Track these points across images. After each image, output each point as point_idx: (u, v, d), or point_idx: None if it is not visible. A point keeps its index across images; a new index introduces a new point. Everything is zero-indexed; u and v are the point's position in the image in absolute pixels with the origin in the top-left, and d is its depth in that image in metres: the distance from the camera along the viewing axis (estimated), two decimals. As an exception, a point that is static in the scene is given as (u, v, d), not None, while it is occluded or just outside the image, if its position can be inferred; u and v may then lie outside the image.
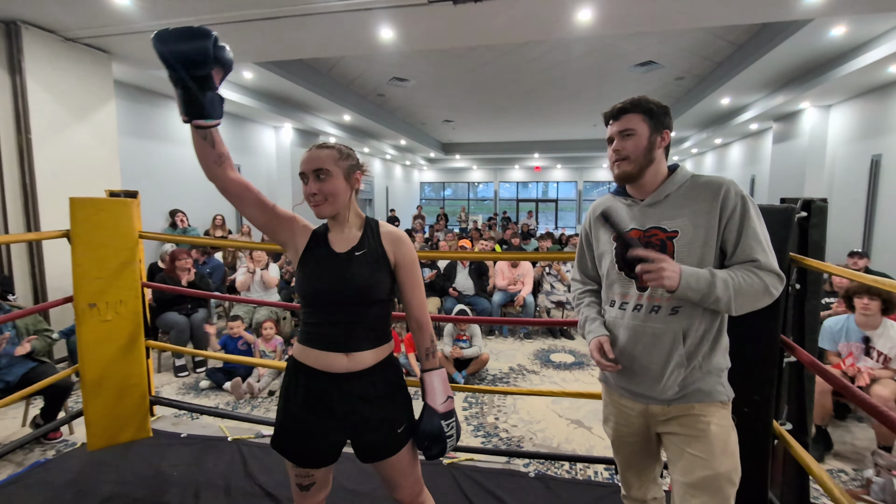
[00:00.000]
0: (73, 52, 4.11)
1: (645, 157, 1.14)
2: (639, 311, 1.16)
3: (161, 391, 3.45)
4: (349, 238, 1.21)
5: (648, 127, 1.14)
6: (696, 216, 1.10)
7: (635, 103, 1.15)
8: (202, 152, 1.07)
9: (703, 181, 1.14)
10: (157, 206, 6.06)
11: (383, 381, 1.20)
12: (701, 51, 6.12)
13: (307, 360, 1.17)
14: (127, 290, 2.05)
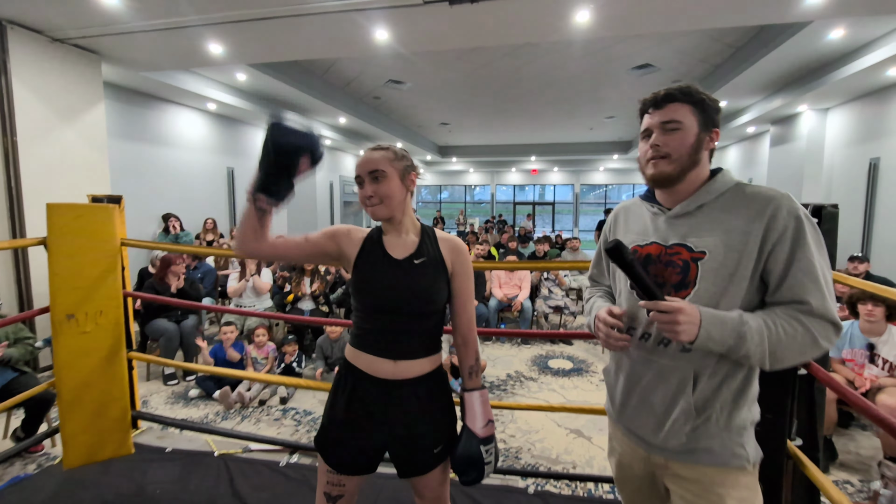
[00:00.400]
0: (61, 53, 4.03)
1: (690, 157, 0.93)
2: (646, 340, 0.98)
3: (149, 400, 3.36)
4: (406, 244, 1.18)
5: (698, 122, 0.94)
6: (730, 235, 0.89)
7: (685, 91, 0.94)
8: (249, 226, 1.07)
9: (750, 192, 0.91)
10: (149, 209, 5.96)
11: (429, 395, 1.17)
12: (698, 53, 6.09)
13: (357, 363, 1.16)
14: (108, 299, 1.96)
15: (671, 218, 0.98)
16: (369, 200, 1.12)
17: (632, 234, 1.07)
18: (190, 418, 3.08)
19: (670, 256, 0.96)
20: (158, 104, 6.23)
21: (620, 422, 1.07)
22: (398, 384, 1.13)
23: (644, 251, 1.01)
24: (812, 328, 0.83)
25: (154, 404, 3.31)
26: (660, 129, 0.96)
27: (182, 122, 6.68)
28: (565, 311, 5.08)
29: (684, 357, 0.93)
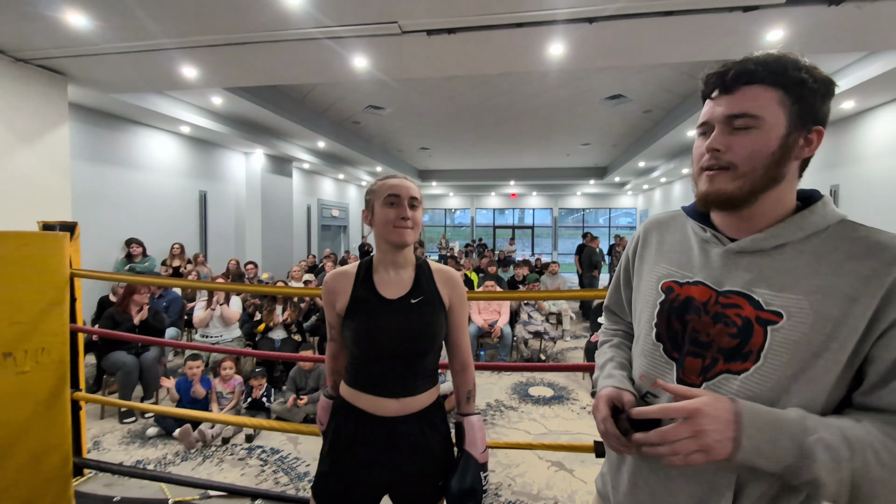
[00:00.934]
0: (24, 74, 3.89)
1: (767, 171, 0.62)
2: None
3: (101, 441, 3.10)
4: (401, 281, 1.16)
5: (788, 116, 0.61)
6: (827, 298, 0.59)
7: (773, 66, 0.61)
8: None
9: (864, 235, 0.60)
10: (115, 234, 5.71)
11: (431, 427, 1.16)
12: (667, 85, 6.37)
13: (357, 403, 1.14)
14: (52, 335, 1.80)
15: (734, 253, 0.67)
16: (404, 222, 1.11)
17: (666, 263, 0.76)
18: (146, 459, 2.84)
19: (723, 308, 0.66)
20: (128, 126, 6.07)
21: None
22: (402, 420, 1.12)
23: (683, 292, 0.71)
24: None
25: (108, 445, 3.06)
26: (724, 126, 0.64)
27: (153, 144, 6.52)
28: (545, 337, 5.04)
29: (722, 461, 0.61)
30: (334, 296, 1.16)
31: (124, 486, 2.31)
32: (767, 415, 0.57)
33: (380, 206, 1.12)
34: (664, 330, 0.73)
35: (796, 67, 0.62)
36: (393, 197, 1.12)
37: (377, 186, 1.15)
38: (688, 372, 0.68)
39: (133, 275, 3.77)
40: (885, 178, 5.11)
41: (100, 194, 5.62)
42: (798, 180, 0.67)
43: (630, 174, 13.36)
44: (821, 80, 0.62)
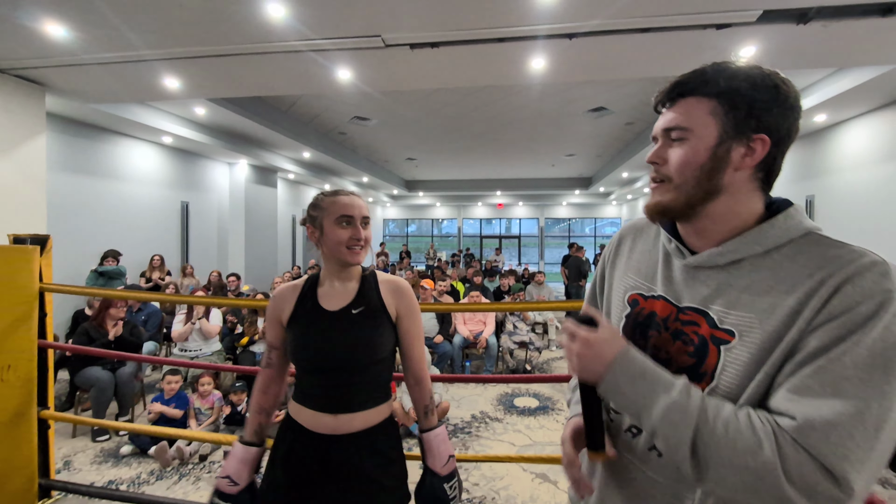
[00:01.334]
0: (1, 83, 3.81)
1: (698, 183, 0.61)
2: (634, 436, 0.67)
3: (72, 460, 2.99)
4: (345, 292, 1.13)
5: (719, 127, 0.60)
6: (776, 314, 0.55)
7: (709, 77, 0.61)
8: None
9: (825, 247, 0.57)
10: (93, 246, 5.58)
11: (374, 449, 1.09)
12: (648, 98, 6.52)
13: (298, 418, 1.10)
14: (18, 352, 1.74)
15: (692, 268, 0.64)
16: (358, 243, 1.09)
17: (634, 275, 0.74)
18: (119, 479, 2.74)
19: (682, 325, 0.64)
20: (108, 136, 5.97)
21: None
22: (337, 440, 1.06)
23: (647, 307, 0.70)
24: (776, 461, 0.48)
25: (79, 464, 2.94)
26: (664, 138, 0.65)
27: (134, 155, 6.42)
28: (530, 347, 5.04)
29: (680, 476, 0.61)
30: (280, 309, 1.14)
31: (94, 509, 2.23)
32: (643, 366, 0.59)
33: (331, 225, 1.09)
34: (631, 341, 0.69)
35: (732, 76, 0.60)
36: (346, 217, 1.09)
37: (326, 204, 1.11)
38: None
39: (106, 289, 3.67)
40: (857, 189, 5.29)
41: (78, 205, 5.50)
42: (759, 192, 0.63)
43: (614, 184, 13.58)
44: (762, 88, 0.59)
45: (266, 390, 1.18)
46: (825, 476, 0.46)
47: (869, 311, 0.50)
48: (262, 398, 1.18)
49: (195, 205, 7.65)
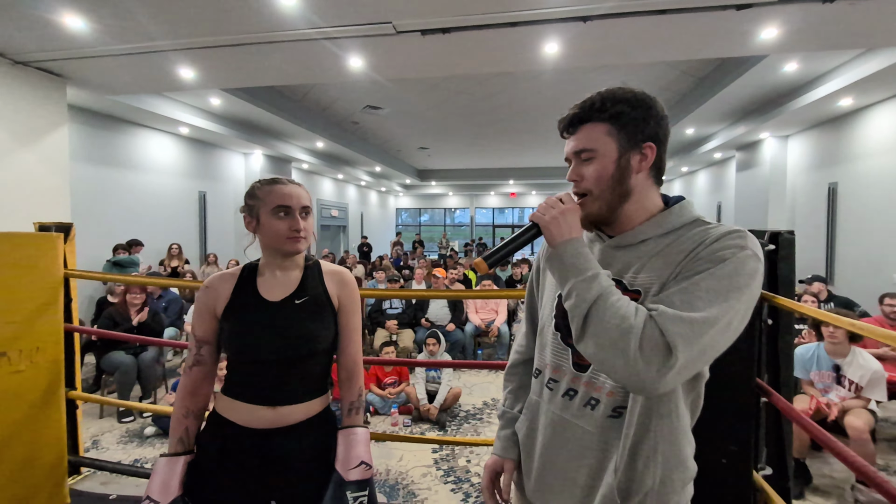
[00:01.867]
0: (24, 75, 3.92)
1: (613, 190, 0.75)
2: (571, 398, 0.80)
3: (100, 440, 3.13)
4: (287, 282, 1.09)
5: (617, 143, 0.75)
6: (665, 272, 0.72)
7: (597, 104, 0.76)
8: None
9: (702, 229, 0.74)
10: (114, 235, 5.74)
11: (312, 440, 1.06)
12: (664, 83, 6.37)
13: (230, 415, 1.04)
14: (45, 335, 1.82)
15: (609, 248, 0.80)
16: (298, 234, 1.05)
17: None
18: (143, 458, 2.86)
19: None
20: (127, 127, 6.10)
21: (531, 498, 0.87)
22: (277, 432, 1.02)
23: None
24: (638, 330, 0.63)
25: (106, 444, 3.08)
26: (575, 159, 0.79)
27: (152, 145, 6.56)
28: (543, 335, 5.04)
29: (612, 425, 0.75)
30: (214, 299, 1.07)
31: (120, 485, 2.33)
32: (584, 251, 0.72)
33: (268, 216, 1.04)
34: (560, 320, 0.83)
35: (616, 102, 0.76)
36: (283, 208, 1.04)
37: (263, 193, 1.06)
38: (580, 355, 0.77)
39: (126, 275, 3.79)
40: (883, 175, 5.10)
41: (99, 195, 5.66)
42: (656, 187, 0.80)
43: (630, 173, 13.34)
44: (638, 107, 0.76)
45: (196, 391, 1.08)
46: (664, 347, 0.62)
47: (724, 255, 0.67)
48: (191, 401, 1.07)
49: (212, 195, 7.79)
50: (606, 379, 0.76)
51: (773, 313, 1.34)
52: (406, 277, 6.31)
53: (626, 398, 0.74)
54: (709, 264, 0.67)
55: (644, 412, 0.73)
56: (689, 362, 0.63)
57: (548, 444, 0.83)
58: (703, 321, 0.63)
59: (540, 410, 0.85)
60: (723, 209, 9.74)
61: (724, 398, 1.18)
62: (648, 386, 0.63)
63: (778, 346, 1.35)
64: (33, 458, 1.79)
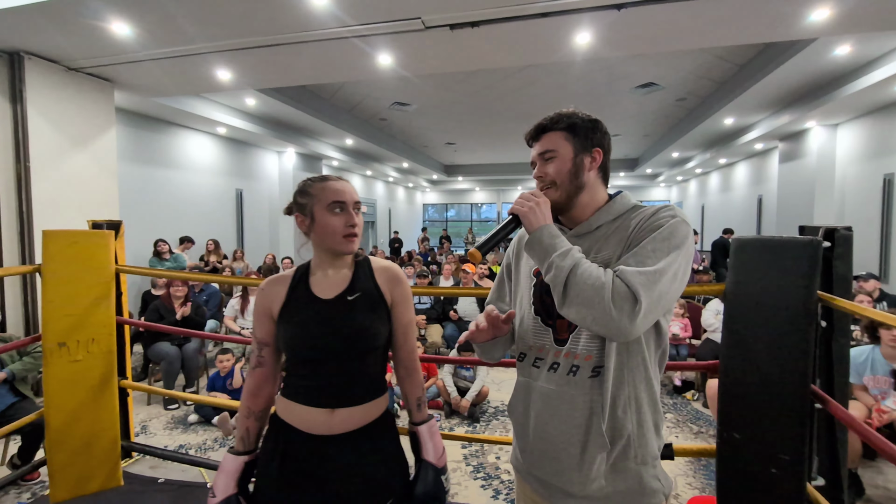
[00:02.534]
0: (76, 81, 4.16)
1: (571, 182, 0.94)
2: (555, 371, 0.93)
3: (149, 426, 3.31)
4: (338, 280, 1.09)
5: (572, 146, 0.95)
6: (619, 247, 0.89)
7: (556, 119, 0.97)
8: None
9: (641, 209, 0.94)
10: (158, 232, 6.03)
11: (375, 447, 1.07)
12: (702, 71, 6.10)
13: (289, 418, 1.04)
14: (100, 327, 1.94)
15: (572, 237, 0.97)
16: (353, 229, 1.05)
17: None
18: (188, 444, 3.01)
19: None
20: (169, 128, 6.38)
21: (534, 473, 0.97)
22: (335, 440, 1.02)
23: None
24: (609, 285, 0.78)
25: (153, 429, 3.26)
26: (540, 160, 0.99)
27: (192, 145, 6.83)
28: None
29: (593, 384, 0.89)
30: (270, 301, 1.09)
31: (167, 469, 2.47)
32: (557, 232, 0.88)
33: (322, 213, 1.04)
34: (539, 305, 0.98)
35: (570, 116, 0.97)
36: (338, 204, 1.04)
37: (316, 190, 1.06)
38: (559, 331, 0.94)
39: (172, 271, 3.98)
40: (947, 165, 4.72)
41: (144, 193, 5.95)
42: (603, 185, 1.00)
43: (663, 165, 12.90)
44: (587, 121, 0.97)
45: (258, 392, 1.10)
46: (630, 295, 0.77)
47: (660, 224, 0.85)
48: (253, 401, 1.10)
49: (248, 192, 8.06)
50: (583, 346, 0.90)
51: (828, 315, 1.27)
52: (434, 273, 6.34)
53: (601, 358, 0.88)
54: (649, 232, 0.85)
55: (618, 367, 0.88)
56: (651, 306, 0.78)
57: (540, 416, 0.94)
58: (655, 271, 0.79)
59: (530, 389, 0.97)
60: (764, 202, 9.28)
61: (775, 404, 1.13)
62: (624, 329, 0.77)
63: (832, 349, 1.28)
64: (91, 442, 1.92)
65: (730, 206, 11.23)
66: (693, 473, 2.61)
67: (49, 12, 3.09)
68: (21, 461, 2.49)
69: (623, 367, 0.88)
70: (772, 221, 8.68)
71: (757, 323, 1.11)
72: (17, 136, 3.76)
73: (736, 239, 1.17)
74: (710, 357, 3.57)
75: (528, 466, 0.98)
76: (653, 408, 0.91)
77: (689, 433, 3.21)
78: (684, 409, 3.60)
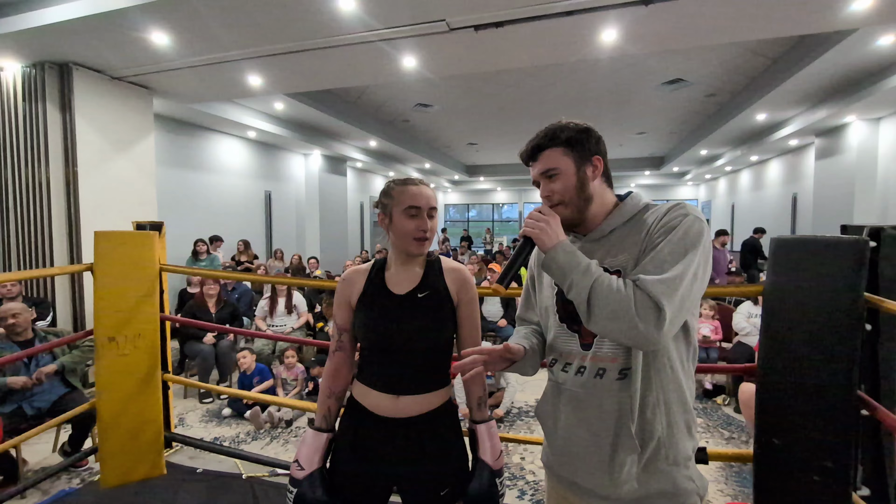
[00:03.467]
0: (118, 90, 4.37)
1: (579, 196, 0.94)
2: (582, 374, 0.94)
3: (185, 418, 3.45)
4: (411, 277, 1.16)
5: (573, 160, 0.95)
6: (635, 249, 0.89)
7: (551, 135, 0.96)
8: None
9: (652, 211, 0.93)
10: (192, 232, 6.27)
11: (434, 433, 1.13)
12: (733, 66, 5.91)
13: (363, 401, 1.14)
14: (146, 323, 2.05)
15: (588, 243, 0.98)
16: (425, 234, 1.11)
17: None
18: (222, 437, 3.13)
19: None
20: (203, 133, 6.62)
21: (564, 474, 0.99)
22: (400, 423, 1.10)
23: None
24: (631, 298, 0.79)
25: (190, 422, 3.40)
26: (543, 180, 0.98)
27: (223, 149, 7.07)
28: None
29: (621, 386, 0.88)
30: (350, 290, 1.18)
31: (205, 460, 2.58)
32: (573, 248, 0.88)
33: (399, 215, 1.11)
34: (563, 312, 0.99)
35: (563, 129, 0.95)
36: (414, 209, 1.10)
37: (396, 193, 1.13)
38: (584, 336, 0.94)
39: (209, 270, 4.14)
40: None
41: (179, 196, 6.20)
42: (609, 189, 1.00)
43: (690, 163, 12.54)
44: (581, 131, 0.96)
45: (336, 374, 1.20)
46: (653, 305, 0.78)
47: (673, 224, 0.85)
48: (333, 382, 1.20)
49: (276, 194, 8.28)
50: (608, 349, 0.90)
51: (873, 317, 1.23)
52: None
53: (628, 360, 0.88)
54: (664, 234, 0.85)
55: (645, 368, 0.87)
56: (675, 312, 0.79)
57: (568, 419, 0.95)
58: (675, 277, 0.80)
59: (559, 391, 0.98)
60: (799, 201, 8.92)
61: (818, 410, 1.10)
62: (652, 339, 0.78)
63: (879, 353, 1.23)
64: (137, 433, 2.03)
65: (762, 205, 10.83)
66: (725, 480, 2.55)
67: (95, 24, 3.27)
68: (71, 448, 2.65)
69: (650, 368, 0.87)
70: (807, 220, 8.33)
71: (799, 325, 1.08)
72: (66, 143, 3.98)
73: (776, 239, 1.15)
74: (743, 361, 3.47)
75: (559, 468, 0.99)
76: (683, 408, 0.90)
77: (721, 438, 3.13)
78: (715, 414, 3.51)
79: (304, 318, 4.42)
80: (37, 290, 3.98)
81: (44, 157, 3.89)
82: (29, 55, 3.79)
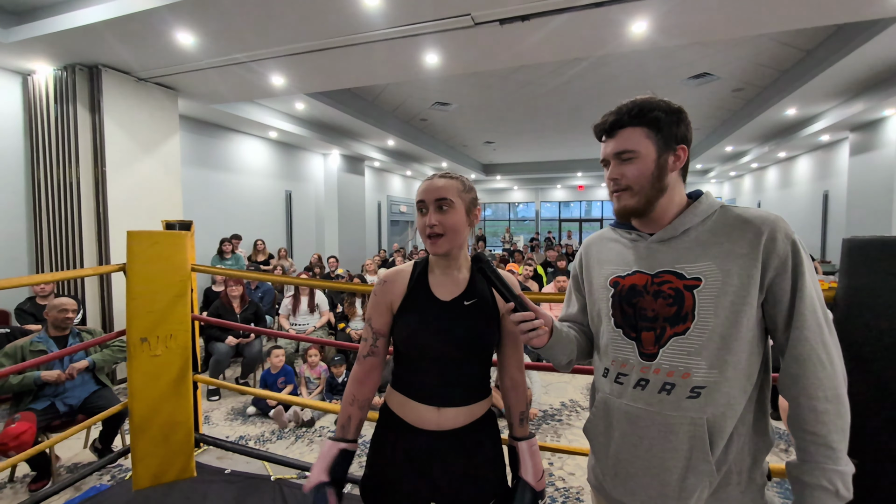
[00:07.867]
0: (145, 91, 4.43)
1: (653, 186, 0.84)
2: (642, 388, 0.84)
3: (210, 416, 3.48)
4: (456, 282, 1.08)
5: (655, 145, 0.84)
6: (728, 259, 0.79)
7: (636, 112, 0.85)
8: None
9: (739, 213, 0.82)
10: (216, 231, 6.36)
11: (476, 446, 1.07)
12: (762, 59, 5.71)
13: (400, 412, 1.07)
14: (177, 323, 2.04)
15: (655, 243, 0.87)
16: (431, 229, 1.02)
17: (609, 265, 0.95)
18: (247, 435, 3.14)
19: (659, 286, 0.85)
20: (225, 133, 6.70)
21: (615, 495, 0.90)
22: (442, 436, 1.04)
23: (627, 282, 0.90)
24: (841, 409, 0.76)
25: (215, 420, 3.42)
26: (615, 160, 0.88)
27: (245, 149, 7.15)
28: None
29: (694, 405, 0.79)
30: (391, 295, 1.09)
31: (232, 460, 2.57)
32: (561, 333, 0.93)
33: (417, 213, 1.06)
34: (619, 316, 0.90)
35: (652, 108, 0.84)
36: (421, 204, 1.04)
37: (418, 191, 1.07)
38: (645, 344, 0.85)
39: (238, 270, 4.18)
40: None
41: (203, 195, 6.29)
42: (683, 184, 0.89)
43: (714, 160, 12.21)
44: (671, 113, 0.85)
45: (364, 380, 1.11)
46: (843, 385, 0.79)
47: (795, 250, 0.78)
48: (359, 389, 1.10)
49: (296, 193, 8.35)
50: (679, 362, 0.80)
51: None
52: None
53: (705, 378, 0.79)
54: (794, 263, 0.78)
55: (726, 390, 0.78)
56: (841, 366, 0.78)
57: (626, 438, 0.86)
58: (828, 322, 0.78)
59: (612, 406, 0.89)
60: (831, 199, 8.59)
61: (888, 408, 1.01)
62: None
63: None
64: (168, 434, 2.03)
65: (790, 203, 10.48)
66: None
67: (123, 26, 3.31)
68: (102, 445, 2.69)
69: (731, 391, 0.78)
70: (840, 219, 8.01)
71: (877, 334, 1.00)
72: (95, 144, 4.06)
73: (849, 240, 1.06)
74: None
75: (611, 489, 0.91)
76: (763, 430, 0.83)
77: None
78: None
79: (326, 317, 4.42)
80: (67, 289, 4.06)
81: (74, 157, 3.97)
82: (60, 58, 3.86)
